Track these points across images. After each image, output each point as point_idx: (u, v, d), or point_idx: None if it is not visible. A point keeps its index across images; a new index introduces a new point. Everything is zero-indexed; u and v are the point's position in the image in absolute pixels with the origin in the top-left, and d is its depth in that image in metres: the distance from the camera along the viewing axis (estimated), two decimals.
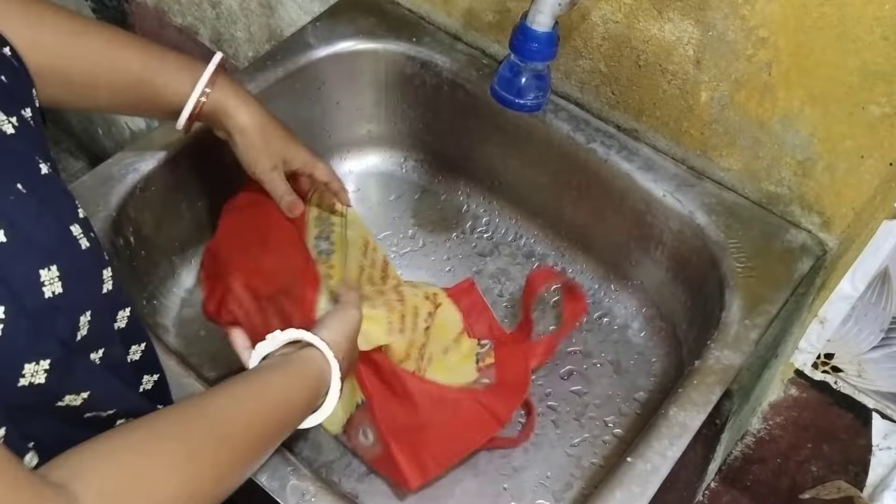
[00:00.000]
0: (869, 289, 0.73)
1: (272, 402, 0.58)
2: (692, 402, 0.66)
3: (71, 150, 2.07)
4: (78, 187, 0.79)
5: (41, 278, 0.44)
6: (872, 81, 0.65)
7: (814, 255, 0.76)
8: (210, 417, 0.53)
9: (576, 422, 0.81)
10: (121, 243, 0.80)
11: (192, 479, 0.49)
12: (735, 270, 0.75)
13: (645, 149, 0.84)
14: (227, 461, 0.52)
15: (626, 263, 0.89)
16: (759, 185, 0.79)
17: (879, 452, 0.83)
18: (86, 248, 0.49)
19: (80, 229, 0.49)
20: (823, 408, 0.85)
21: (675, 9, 0.73)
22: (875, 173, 0.70)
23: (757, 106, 0.74)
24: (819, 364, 0.82)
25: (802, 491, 0.91)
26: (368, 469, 0.78)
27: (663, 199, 0.81)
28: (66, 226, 0.49)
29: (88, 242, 0.50)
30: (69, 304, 0.46)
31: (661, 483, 0.62)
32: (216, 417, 0.53)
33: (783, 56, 0.69)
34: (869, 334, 0.76)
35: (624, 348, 0.87)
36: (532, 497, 0.76)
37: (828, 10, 0.64)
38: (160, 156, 0.81)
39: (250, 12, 1.17)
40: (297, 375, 0.61)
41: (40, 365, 0.44)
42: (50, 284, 0.45)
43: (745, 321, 0.71)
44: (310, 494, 0.61)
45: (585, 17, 0.80)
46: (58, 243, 0.47)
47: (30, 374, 0.43)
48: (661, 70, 0.78)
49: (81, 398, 0.48)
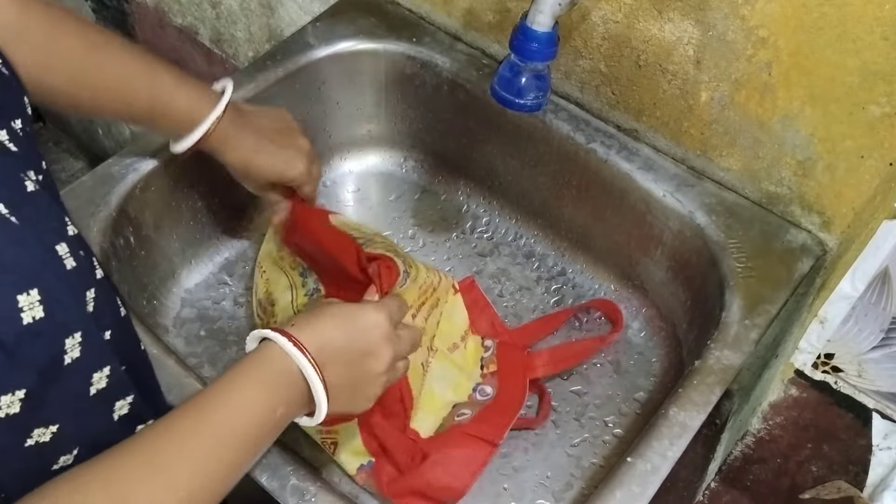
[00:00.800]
0: (869, 289, 0.73)
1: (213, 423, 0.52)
2: (692, 402, 0.66)
3: (71, 151, 2.07)
4: (78, 187, 0.79)
5: (19, 304, 0.42)
6: (872, 81, 0.65)
7: (814, 255, 0.76)
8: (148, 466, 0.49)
9: (576, 422, 0.81)
10: (121, 243, 0.80)
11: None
12: (735, 270, 0.75)
13: (645, 149, 0.84)
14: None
15: (626, 263, 0.89)
16: (759, 185, 0.79)
17: (879, 452, 0.83)
18: (71, 269, 0.47)
19: (66, 248, 0.47)
20: (823, 408, 0.85)
21: (675, 9, 0.73)
22: (875, 173, 0.70)
23: (757, 106, 0.74)
24: (819, 364, 0.82)
25: (802, 491, 0.91)
26: None
27: (663, 199, 0.81)
28: (51, 245, 0.46)
29: (75, 262, 0.47)
30: (51, 328, 0.44)
31: (661, 483, 0.62)
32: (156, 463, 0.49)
33: (783, 56, 0.69)
34: (869, 334, 0.76)
35: (624, 348, 0.87)
36: (532, 497, 0.76)
37: (828, 10, 0.64)
38: (160, 156, 0.81)
39: (250, 12, 1.17)
40: (239, 378, 0.55)
41: (15, 395, 0.42)
42: (30, 310, 0.43)
43: (746, 321, 0.71)
44: (310, 494, 0.61)
45: (585, 17, 0.80)
46: (40, 265, 0.44)
47: (5, 405, 0.42)
48: (661, 70, 0.78)
49: (51, 432, 0.46)
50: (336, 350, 0.57)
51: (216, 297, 0.90)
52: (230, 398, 0.53)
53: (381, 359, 0.60)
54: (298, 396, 0.56)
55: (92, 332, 0.47)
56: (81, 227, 0.76)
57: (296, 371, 0.55)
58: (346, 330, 0.58)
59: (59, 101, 0.67)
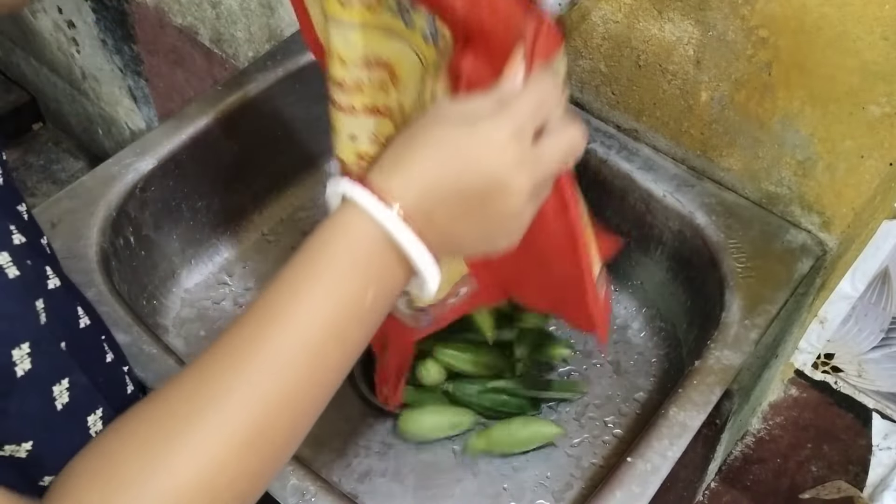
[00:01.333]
0: (869, 289, 0.73)
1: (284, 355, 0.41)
2: (692, 402, 0.66)
3: (70, 151, 2.07)
4: (77, 187, 0.79)
5: None
6: (872, 81, 0.65)
7: (814, 255, 0.76)
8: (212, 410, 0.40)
9: (576, 422, 0.81)
10: (121, 243, 0.80)
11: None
12: (735, 270, 0.75)
13: (645, 149, 0.84)
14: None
15: (626, 263, 0.89)
16: (759, 185, 0.79)
17: (879, 452, 0.83)
18: (15, 278, 0.43)
19: (8, 257, 0.43)
20: (823, 408, 0.85)
21: (675, 9, 0.73)
22: (875, 173, 0.70)
23: (757, 106, 0.74)
24: (819, 364, 0.82)
25: (802, 491, 0.91)
26: (367, 470, 0.78)
27: (663, 199, 0.81)
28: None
29: (19, 271, 0.43)
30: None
31: (661, 483, 0.62)
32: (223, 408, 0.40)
33: (783, 56, 0.69)
34: (869, 334, 0.76)
35: (624, 348, 0.87)
36: (532, 497, 0.76)
37: (828, 10, 0.64)
38: (160, 156, 0.81)
39: (250, 12, 1.17)
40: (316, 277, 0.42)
41: None
42: None
43: (745, 321, 0.71)
44: (310, 494, 0.61)
45: (585, 17, 0.80)
46: None
47: None
48: (661, 70, 0.78)
49: (25, 450, 0.43)
50: (445, 193, 0.42)
51: (216, 297, 0.90)
52: (296, 299, 0.41)
53: (512, 194, 0.43)
54: (395, 265, 0.43)
55: (44, 343, 0.44)
56: (81, 226, 0.77)
57: (383, 234, 0.42)
58: (456, 163, 0.42)
59: None
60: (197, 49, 1.34)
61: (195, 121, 0.86)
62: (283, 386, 0.41)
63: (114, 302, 0.72)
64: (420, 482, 0.77)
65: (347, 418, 0.81)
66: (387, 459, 0.78)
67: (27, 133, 2.12)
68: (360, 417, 0.81)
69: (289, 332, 0.41)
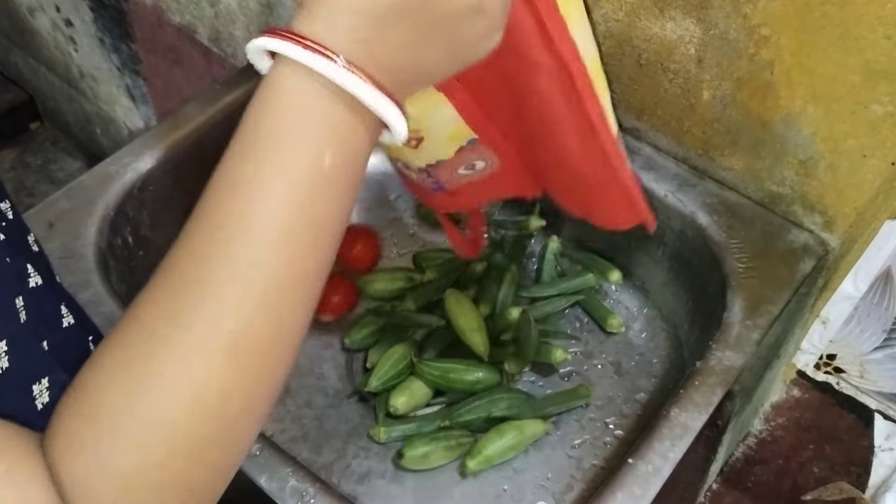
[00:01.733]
0: (871, 289, 0.73)
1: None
2: (694, 403, 0.66)
3: (69, 150, 2.07)
4: (75, 187, 0.78)
5: None
6: (875, 80, 0.65)
7: (816, 255, 0.76)
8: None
9: (576, 423, 0.81)
10: (119, 243, 0.79)
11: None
12: (737, 271, 0.74)
13: (646, 148, 0.83)
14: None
15: (628, 264, 0.88)
16: (761, 185, 0.78)
17: (882, 453, 0.82)
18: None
19: None
20: (825, 409, 0.85)
21: (676, 7, 0.72)
22: (877, 173, 0.69)
23: (759, 105, 0.73)
24: (821, 365, 0.82)
25: (804, 492, 0.90)
26: (370, 457, 0.77)
27: (665, 198, 0.80)
28: None
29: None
30: None
31: (662, 484, 0.62)
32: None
33: (785, 55, 0.69)
34: (871, 335, 0.76)
35: (625, 349, 0.86)
36: (532, 499, 0.76)
37: (830, 9, 0.64)
38: (158, 155, 0.81)
39: (249, 11, 1.17)
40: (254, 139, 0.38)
41: None
42: None
43: (747, 322, 0.71)
44: (309, 496, 0.61)
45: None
46: None
47: None
48: (662, 69, 0.78)
49: None
50: (392, 17, 0.36)
51: None
52: (245, 182, 0.38)
53: (482, 14, 0.38)
54: (349, 117, 0.38)
55: (22, 341, 0.44)
56: (79, 226, 0.76)
57: (324, 87, 0.36)
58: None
59: None
60: (195, 48, 1.33)
61: (194, 120, 0.85)
62: (258, 279, 0.37)
63: (112, 302, 0.72)
64: (419, 484, 0.77)
65: (347, 419, 0.81)
66: (386, 461, 0.78)
67: (25, 132, 2.11)
68: (360, 418, 0.81)
69: (246, 225, 0.37)
